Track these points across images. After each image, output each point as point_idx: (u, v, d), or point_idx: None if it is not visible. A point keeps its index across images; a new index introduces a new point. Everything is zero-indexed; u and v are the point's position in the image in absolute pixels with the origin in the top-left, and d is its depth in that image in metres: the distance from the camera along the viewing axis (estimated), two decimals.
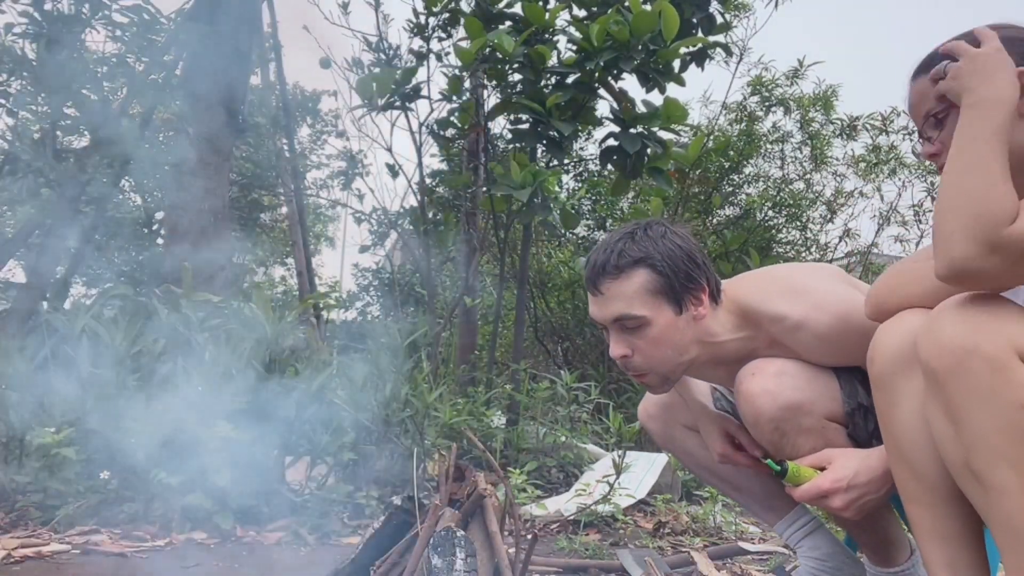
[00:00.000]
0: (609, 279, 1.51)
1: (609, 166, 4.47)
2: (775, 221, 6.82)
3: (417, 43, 4.76)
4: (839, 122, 6.70)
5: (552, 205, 3.99)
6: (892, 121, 6.52)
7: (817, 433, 1.48)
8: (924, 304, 1.20)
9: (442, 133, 4.76)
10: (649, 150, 4.15)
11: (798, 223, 6.83)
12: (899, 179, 6.68)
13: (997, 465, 1.03)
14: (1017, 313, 1.06)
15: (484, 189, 4.71)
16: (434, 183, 5.92)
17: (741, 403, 1.54)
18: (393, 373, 3.36)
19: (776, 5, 5.83)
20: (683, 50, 4.05)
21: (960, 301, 1.09)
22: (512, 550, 1.56)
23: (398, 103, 4.44)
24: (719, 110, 6.98)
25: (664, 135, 4.21)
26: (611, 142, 4.19)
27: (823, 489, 1.37)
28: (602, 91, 4.20)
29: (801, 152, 6.90)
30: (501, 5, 4.28)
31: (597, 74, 4.01)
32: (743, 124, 6.76)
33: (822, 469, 1.41)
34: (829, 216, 6.90)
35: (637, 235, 1.53)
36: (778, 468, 1.39)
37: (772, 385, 1.48)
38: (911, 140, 6.34)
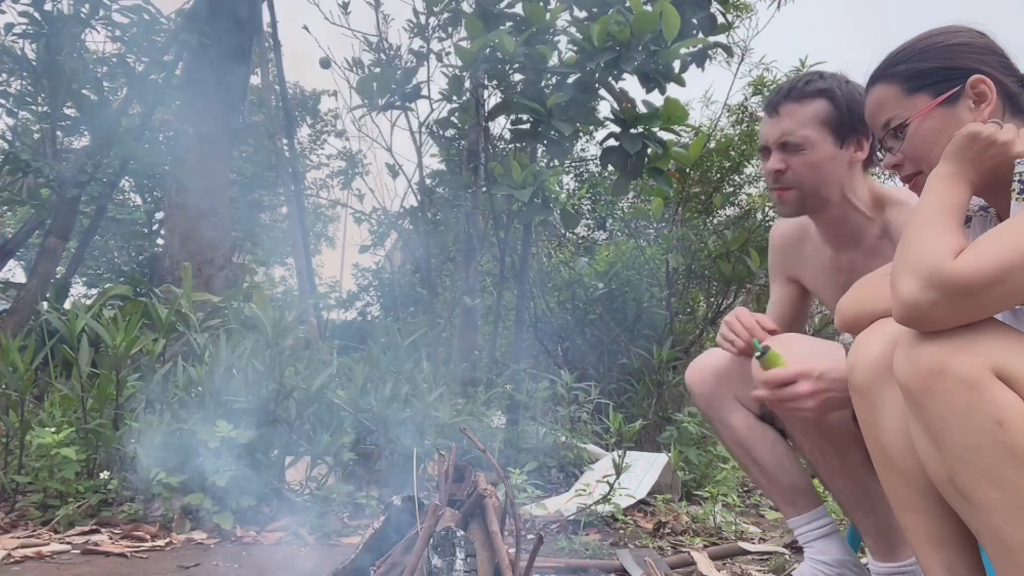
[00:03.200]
0: (790, 101, 1.66)
1: (609, 166, 4.47)
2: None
3: (417, 43, 4.77)
4: None
5: (553, 205, 3.99)
6: None
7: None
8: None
9: (442, 133, 4.76)
10: (650, 150, 4.15)
11: None
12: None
13: (980, 483, 1.02)
14: (994, 328, 1.05)
15: (484, 189, 4.71)
16: (434, 183, 5.92)
17: (753, 364, 1.56)
18: (393, 373, 3.36)
19: (779, 6, 5.83)
20: (683, 51, 4.05)
21: None
22: (512, 550, 1.56)
23: (398, 103, 4.44)
24: (720, 110, 6.97)
25: (665, 135, 4.21)
26: (612, 142, 4.19)
27: (793, 372, 1.44)
28: (603, 91, 4.20)
29: None
30: (502, 5, 4.28)
31: (598, 74, 4.01)
32: (744, 125, 6.75)
33: None
34: None
35: (825, 74, 1.69)
36: (760, 350, 1.48)
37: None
38: None
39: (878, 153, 1.36)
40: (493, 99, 4.74)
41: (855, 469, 1.64)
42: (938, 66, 1.26)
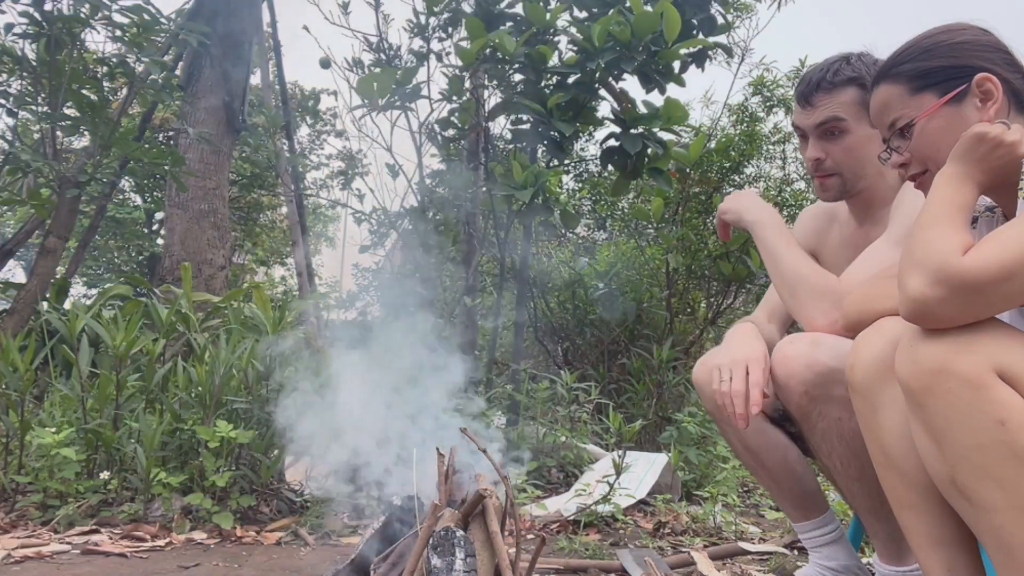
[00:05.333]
0: (822, 93, 1.70)
1: (609, 166, 4.47)
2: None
3: (417, 43, 4.76)
4: None
5: (553, 205, 3.98)
6: None
7: (845, 405, 1.49)
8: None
9: (442, 133, 4.76)
10: (650, 150, 4.15)
11: None
12: None
13: (982, 483, 1.02)
14: (995, 328, 1.05)
15: (484, 189, 4.71)
16: (434, 183, 5.92)
17: (775, 366, 1.57)
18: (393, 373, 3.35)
19: (779, 6, 5.83)
20: (684, 51, 4.05)
21: None
22: (512, 550, 1.56)
23: (398, 103, 4.43)
24: (721, 110, 6.98)
25: (665, 135, 4.20)
26: (612, 142, 4.19)
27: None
28: (603, 92, 4.19)
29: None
30: (502, 5, 4.28)
31: (598, 74, 4.00)
32: (744, 125, 6.75)
33: None
34: None
35: (852, 59, 1.72)
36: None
37: (807, 351, 1.52)
38: None
39: (883, 153, 1.35)
40: (493, 99, 4.74)
41: (873, 474, 1.64)
42: (943, 64, 1.26)
